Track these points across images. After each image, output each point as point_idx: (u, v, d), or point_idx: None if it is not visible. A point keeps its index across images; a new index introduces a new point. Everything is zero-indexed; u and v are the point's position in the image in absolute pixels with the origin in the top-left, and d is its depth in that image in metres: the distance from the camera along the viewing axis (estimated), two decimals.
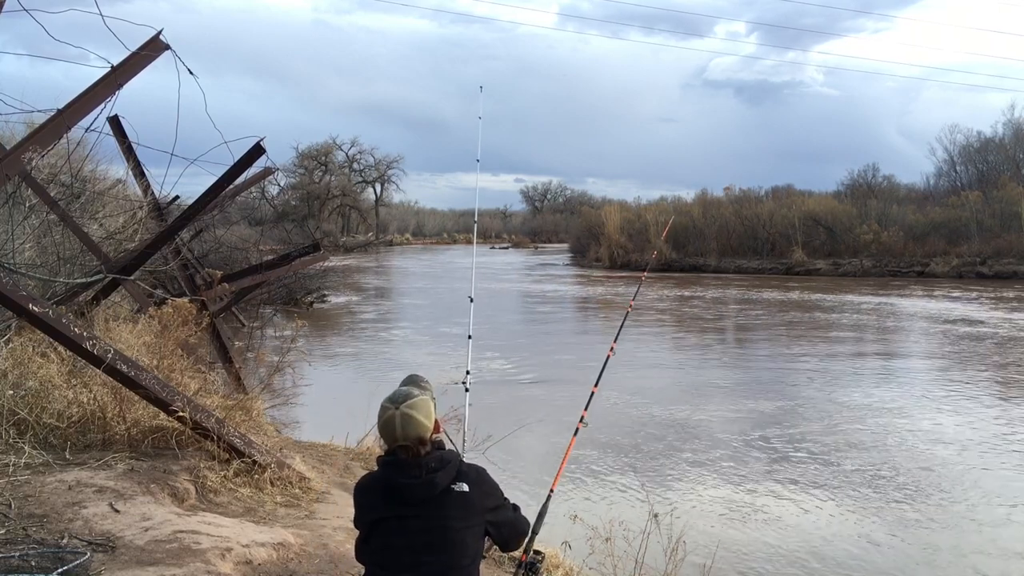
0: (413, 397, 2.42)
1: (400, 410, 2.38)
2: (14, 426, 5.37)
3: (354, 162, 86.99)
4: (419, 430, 2.38)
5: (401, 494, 2.36)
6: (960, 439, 10.47)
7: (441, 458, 2.39)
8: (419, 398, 2.43)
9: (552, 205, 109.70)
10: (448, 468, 2.38)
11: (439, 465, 2.37)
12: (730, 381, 14.64)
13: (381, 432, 2.43)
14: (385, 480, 2.39)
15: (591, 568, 5.16)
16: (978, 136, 54.96)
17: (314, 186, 79.45)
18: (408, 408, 2.38)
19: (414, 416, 2.38)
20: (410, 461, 2.36)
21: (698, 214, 50.67)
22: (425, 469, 2.35)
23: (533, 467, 8.95)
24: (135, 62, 5.04)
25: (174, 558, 4.07)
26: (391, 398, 2.43)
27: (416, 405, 2.40)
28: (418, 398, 2.42)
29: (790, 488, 8.62)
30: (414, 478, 2.34)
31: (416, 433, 2.37)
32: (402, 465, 2.37)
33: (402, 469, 2.36)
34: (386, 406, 2.41)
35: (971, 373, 14.98)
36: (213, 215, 12.24)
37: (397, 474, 2.37)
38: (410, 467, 2.35)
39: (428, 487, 2.34)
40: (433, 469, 2.35)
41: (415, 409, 2.39)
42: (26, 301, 4.61)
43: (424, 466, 2.35)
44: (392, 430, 2.38)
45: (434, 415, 2.46)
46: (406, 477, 2.35)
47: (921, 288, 33.91)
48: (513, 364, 16.12)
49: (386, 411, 2.40)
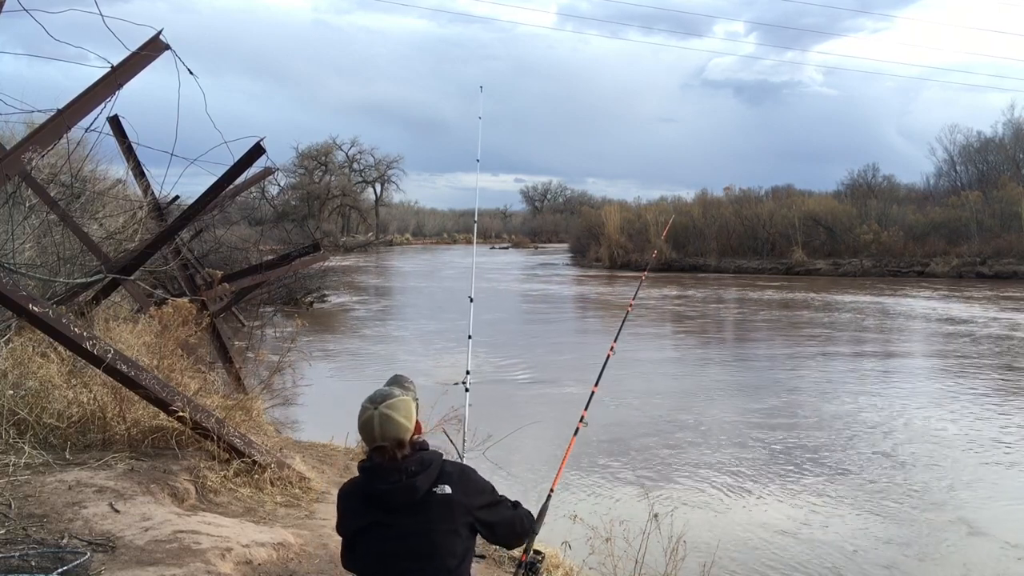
0: (393, 397, 2.36)
1: (379, 410, 2.32)
2: (14, 426, 5.37)
3: (354, 162, 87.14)
4: (398, 431, 2.31)
5: (381, 500, 2.29)
6: (961, 439, 10.47)
7: (421, 460, 2.32)
8: (399, 398, 2.36)
9: (552, 205, 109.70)
10: (429, 470, 2.31)
11: (419, 468, 2.30)
12: (730, 381, 14.64)
13: (360, 433, 2.36)
14: (365, 486, 2.33)
15: (591, 568, 5.16)
16: (978, 136, 55.09)
17: (314, 186, 79.47)
18: (387, 408, 2.32)
19: (393, 416, 2.31)
20: (388, 465, 2.29)
21: (698, 214, 50.66)
22: (405, 473, 2.28)
23: (533, 467, 8.95)
24: (135, 62, 5.04)
25: (174, 558, 4.08)
26: (371, 398, 2.37)
27: (395, 405, 2.33)
28: (398, 398, 2.36)
29: (790, 488, 8.62)
30: (394, 483, 2.27)
31: (394, 434, 2.31)
32: (380, 470, 2.30)
33: (380, 474, 2.29)
34: (365, 406, 2.35)
35: (971, 373, 14.97)
36: (213, 215, 12.24)
37: (376, 480, 2.30)
38: (388, 472, 2.28)
39: (408, 491, 2.27)
40: (413, 473, 2.28)
41: (394, 409, 2.32)
42: (26, 301, 4.62)
43: (403, 470, 2.28)
44: (371, 430, 2.32)
45: (415, 416, 2.40)
46: (385, 483, 2.28)
47: (921, 288, 33.89)
48: (513, 364, 16.12)
49: (365, 411, 2.34)
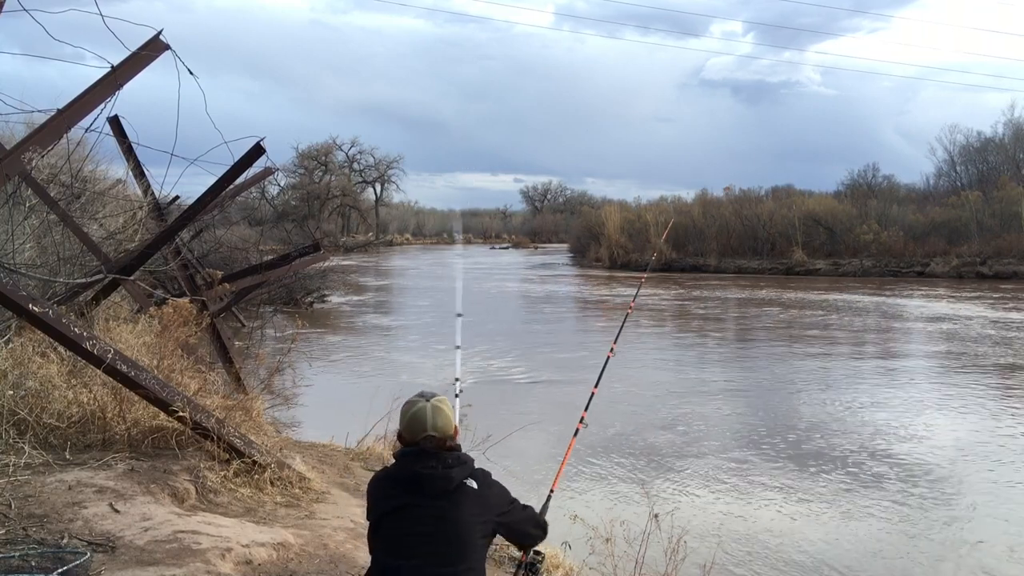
0: (440, 396, 2.58)
1: (431, 403, 2.52)
2: (14, 426, 5.36)
3: (354, 162, 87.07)
4: (447, 424, 2.52)
5: (420, 483, 2.44)
6: (961, 440, 10.48)
7: (459, 457, 2.51)
8: (444, 398, 2.59)
9: (552, 205, 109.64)
10: (464, 467, 2.50)
11: (455, 462, 2.48)
12: (730, 381, 14.64)
13: (408, 425, 2.52)
14: (404, 469, 2.48)
15: (591, 568, 5.16)
16: (978, 136, 55.06)
17: (314, 186, 79.39)
18: (438, 402, 2.54)
19: (443, 409, 2.53)
20: (432, 452, 2.46)
21: (698, 214, 50.64)
22: (443, 463, 2.45)
23: (533, 467, 8.94)
24: (135, 62, 5.04)
25: (174, 558, 4.07)
26: (420, 394, 2.58)
27: (444, 401, 2.57)
28: (444, 397, 2.59)
29: (790, 488, 8.61)
30: (432, 468, 2.44)
31: (444, 426, 2.51)
32: (423, 455, 2.46)
33: (421, 459, 2.45)
34: (415, 400, 2.55)
35: (972, 373, 14.97)
36: (213, 215, 12.24)
37: (416, 463, 2.45)
38: (429, 457, 2.45)
39: (445, 480, 2.44)
40: (450, 464, 2.46)
41: (444, 404, 2.55)
42: (26, 301, 4.61)
43: (443, 459, 2.46)
44: (423, 421, 2.49)
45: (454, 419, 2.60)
46: (426, 467, 2.44)
47: (921, 288, 33.90)
48: (513, 364, 16.12)
49: (415, 404, 2.53)
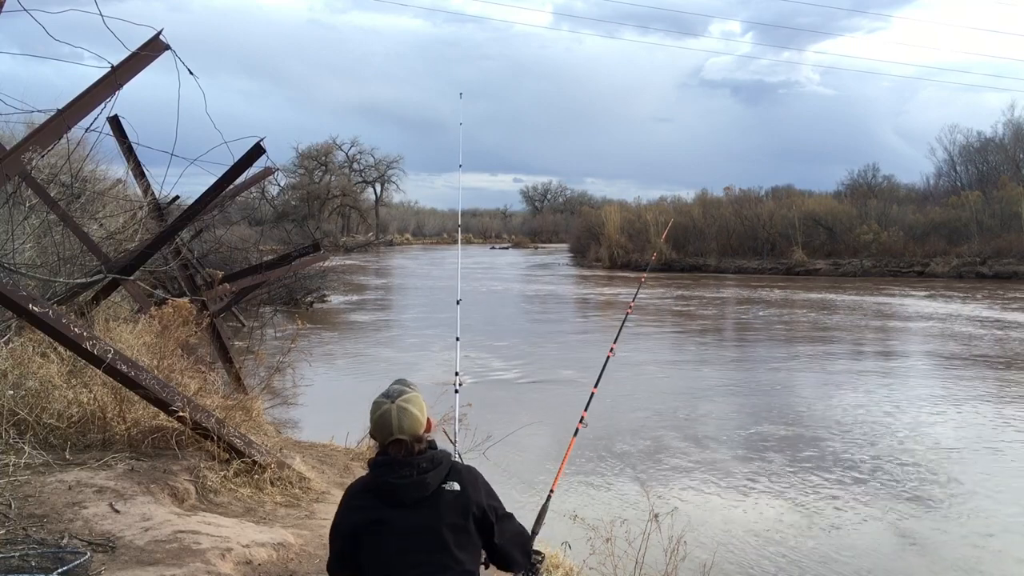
0: (407, 393, 2.40)
1: (396, 404, 2.36)
2: (14, 426, 5.36)
3: (354, 162, 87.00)
4: (414, 425, 2.36)
5: (393, 494, 2.32)
6: (962, 440, 10.47)
7: (432, 458, 2.37)
8: (413, 394, 2.41)
9: (552, 205, 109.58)
10: (439, 468, 2.36)
11: (430, 465, 2.35)
12: (730, 381, 14.64)
13: (375, 429, 2.38)
14: (377, 481, 2.36)
15: (591, 568, 5.15)
16: (978, 136, 55.03)
17: (314, 186, 79.36)
18: (404, 402, 2.37)
19: (410, 410, 2.36)
20: (402, 460, 2.33)
21: (698, 214, 50.65)
22: (416, 469, 2.32)
23: (533, 467, 8.94)
24: (135, 62, 5.04)
25: (174, 558, 4.08)
26: (385, 393, 2.41)
27: (411, 400, 2.39)
28: (412, 394, 2.41)
29: (791, 488, 8.61)
30: (405, 477, 2.31)
31: (411, 427, 2.35)
32: (394, 464, 2.33)
33: (393, 469, 2.33)
34: (380, 401, 2.39)
35: (972, 373, 14.96)
36: (213, 215, 12.23)
37: (388, 474, 2.33)
38: (401, 466, 2.32)
39: (419, 487, 2.31)
40: (424, 469, 2.33)
41: (410, 403, 2.38)
42: (26, 301, 4.61)
43: (415, 465, 2.33)
44: (388, 424, 2.35)
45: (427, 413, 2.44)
46: (397, 477, 2.32)
47: (921, 288, 33.89)
48: (513, 364, 16.11)
49: (381, 406, 2.37)
